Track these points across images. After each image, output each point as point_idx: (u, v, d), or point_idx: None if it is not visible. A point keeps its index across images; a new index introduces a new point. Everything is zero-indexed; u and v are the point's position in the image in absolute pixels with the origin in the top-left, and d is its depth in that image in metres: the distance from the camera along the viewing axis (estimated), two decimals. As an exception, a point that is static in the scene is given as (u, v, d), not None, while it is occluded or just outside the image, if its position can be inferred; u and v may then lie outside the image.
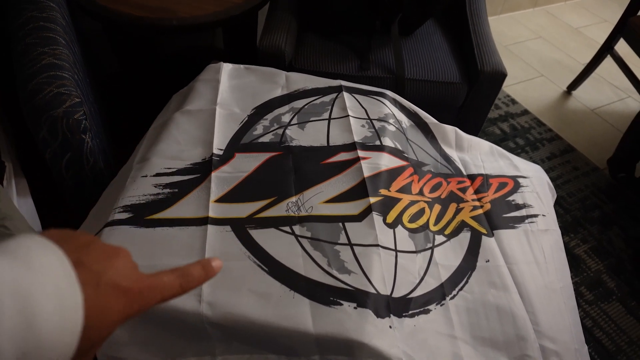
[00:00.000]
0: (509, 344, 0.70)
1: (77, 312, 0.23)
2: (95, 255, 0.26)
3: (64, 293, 0.22)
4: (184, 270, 0.30)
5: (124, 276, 0.26)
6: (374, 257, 0.71)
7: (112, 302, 0.25)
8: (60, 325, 0.22)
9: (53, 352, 0.22)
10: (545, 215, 0.91)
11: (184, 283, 0.30)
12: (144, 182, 0.77)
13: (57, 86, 0.81)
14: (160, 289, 0.28)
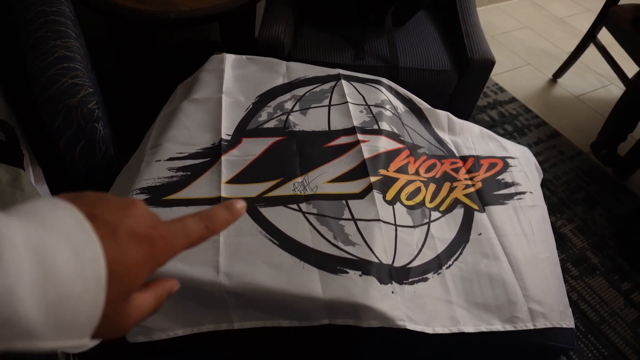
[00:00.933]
0: (500, 308, 0.77)
1: (98, 261, 0.22)
2: (108, 208, 0.25)
3: (80, 244, 0.22)
4: (208, 212, 0.28)
5: (141, 224, 0.25)
6: (376, 231, 0.77)
7: (134, 250, 0.24)
8: (81, 274, 0.21)
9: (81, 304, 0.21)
10: (532, 192, 0.97)
11: (210, 224, 0.28)
12: (158, 166, 0.82)
13: (71, 77, 0.85)
14: (184, 232, 0.27)
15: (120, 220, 0.24)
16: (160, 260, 0.25)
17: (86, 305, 0.21)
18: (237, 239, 0.72)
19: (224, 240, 0.72)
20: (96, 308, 0.22)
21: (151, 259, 0.25)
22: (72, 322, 0.21)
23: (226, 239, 0.72)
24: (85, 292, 0.21)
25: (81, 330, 0.22)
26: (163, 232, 0.26)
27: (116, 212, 0.25)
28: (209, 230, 0.28)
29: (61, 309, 0.20)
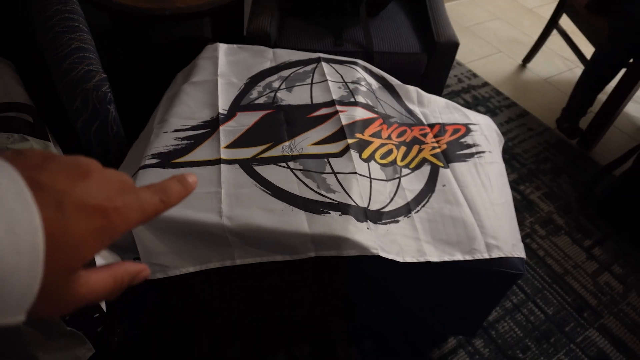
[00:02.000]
0: (461, 242, 0.91)
1: (35, 234, 0.20)
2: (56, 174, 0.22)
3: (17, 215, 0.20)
4: (161, 186, 0.27)
5: (93, 195, 0.23)
6: (353, 181, 0.91)
7: (82, 222, 0.22)
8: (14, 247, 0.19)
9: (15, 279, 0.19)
10: (491, 152, 1.11)
11: (165, 198, 0.27)
12: (166, 137, 0.95)
13: (86, 64, 0.99)
14: (139, 205, 0.25)
15: (70, 190, 0.22)
16: (113, 234, 0.24)
17: (20, 281, 0.20)
18: (235, 191, 0.86)
19: (225, 192, 0.85)
20: (32, 284, 0.20)
21: (102, 232, 0.23)
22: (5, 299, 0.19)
23: (227, 190, 0.86)
24: (19, 266, 0.19)
25: (15, 308, 0.20)
26: (117, 205, 0.24)
27: (65, 179, 0.23)
28: (163, 203, 0.27)
29: None
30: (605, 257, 1.49)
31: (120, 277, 0.26)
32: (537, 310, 1.33)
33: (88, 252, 0.23)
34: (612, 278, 1.43)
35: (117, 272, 0.26)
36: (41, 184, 0.21)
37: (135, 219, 0.25)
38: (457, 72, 2.17)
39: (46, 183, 0.22)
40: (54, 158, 0.23)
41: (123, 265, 0.27)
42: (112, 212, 0.24)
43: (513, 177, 1.71)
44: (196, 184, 0.30)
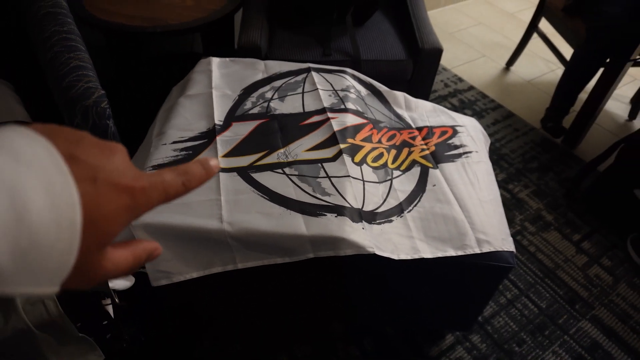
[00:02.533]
0: (452, 239, 0.95)
1: (74, 208, 0.21)
2: (89, 150, 0.23)
3: (57, 188, 0.20)
4: (185, 168, 0.28)
5: (123, 174, 0.24)
6: (347, 184, 0.95)
7: (113, 199, 0.23)
8: (55, 221, 0.20)
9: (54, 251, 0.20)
10: (478, 152, 1.16)
11: (186, 181, 0.27)
12: (164, 148, 0.99)
13: (85, 82, 1.02)
14: (163, 186, 0.26)
15: (102, 166, 0.23)
16: (137, 213, 0.25)
17: (58, 254, 0.20)
18: (235, 197, 0.90)
19: (224, 199, 0.89)
20: (69, 257, 0.21)
21: (129, 211, 0.24)
22: (42, 270, 0.20)
23: (226, 197, 0.89)
24: (59, 240, 0.20)
25: (51, 279, 0.21)
26: (144, 184, 0.25)
27: (98, 155, 0.23)
28: (184, 187, 0.27)
29: (32, 256, 0.19)
30: (594, 251, 1.53)
31: (139, 254, 0.27)
32: (530, 305, 1.37)
33: (116, 228, 0.23)
34: (602, 270, 1.48)
35: (136, 249, 0.27)
36: (77, 158, 0.22)
37: (157, 199, 0.26)
38: (443, 77, 2.23)
39: (81, 157, 0.22)
40: (85, 135, 0.24)
41: (141, 244, 0.28)
42: (138, 192, 0.24)
43: (502, 177, 1.76)
44: (218, 169, 0.30)
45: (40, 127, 0.22)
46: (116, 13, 1.40)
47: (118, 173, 0.24)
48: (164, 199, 0.26)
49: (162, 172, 0.27)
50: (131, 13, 1.40)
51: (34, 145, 0.21)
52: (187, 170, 0.28)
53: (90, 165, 0.23)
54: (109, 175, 0.23)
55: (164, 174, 0.26)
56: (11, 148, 0.20)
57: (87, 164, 0.22)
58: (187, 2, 1.46)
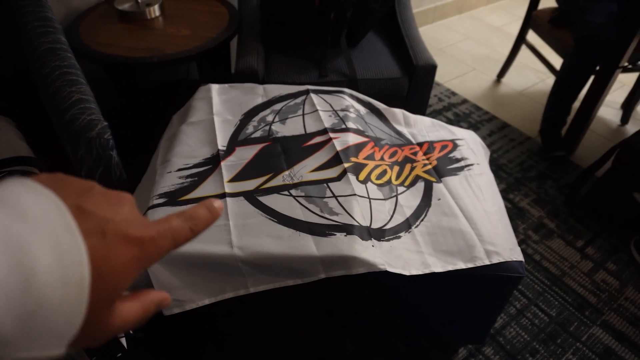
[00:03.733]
0: (461, 251, 0.95)
1: (82, 266, 0.20)
2: (97, 201, 0.23)
3: (64, 246, 0.20)
4: (190, 213, 0.28)
5: (131, 224, 0.24)
6: (354, 202, 0.95)
7: (122, 251, 0.22)
8: (63, 280, 0.19)
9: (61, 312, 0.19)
10: (479, 164, 1.17)
11: (193, 226, 0.27)
12: (170, 176, 0.99)
13: (88, 114, 1.03)
14: (171, 234, 0.26)
15: (111, 218, 0.23)
16: (146, 263, 0.24)
17: (66, 313, 0.20)
18: (243, 222, 0.90)
19: (233, 223, 0.89)
20: (77, 316, 0.20)
21: (138, 262, 0.23)
22: (49, 332, 0.19)
23: (235, 222, 0.89)
24: (66, 298, 0.19)
25: (58, 340, 0.20)
26: (152, 234, 0.24)
27: (106, 206, 0.23)
28: (192, 232, 0.27)
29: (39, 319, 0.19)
30: (599, 256, 1.54)
31: (148, 306, 0.27)
32: (540, 313, 1.37)
33: (125, 282, 0.23)
34: (608, 275, 1.48)
35: (145, 301, 0.27)
36: (85, 210, 0.22)
37: (167, 248, 0.26)
38: (436, 92, 2.26)
39: (89, 210, 0.22)
40: (93, 185, 0.24)
41: (149, 295, 0.27)
42: (147, 242, 0.24)
43: (502, 187, 1.77)
44: (222, 210, 0.30)
45: (47, 179, 0.22)
46: (114, 45, 1.42)
47: (127, 224, 0.23)
48: (173, 246, 0.26)
49: (170, 219, 0.26)
50: (129, 45, 1.42)
51: (41, 201, 0.20)
52: (193, 215, 0.28)
53: (99, 218, 0.22)
54: (117, 227, 0.23)
55: (171, 221, 0.26)
56: (17, 205, 0.19)
57: (95, 216, 0.22)
58: (183, 32, 1.48)
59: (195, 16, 1.57)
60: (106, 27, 1.50)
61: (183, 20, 1.55)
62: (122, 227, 0.23)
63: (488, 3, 3.04)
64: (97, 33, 1.47)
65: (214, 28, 1.50)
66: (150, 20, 1.54)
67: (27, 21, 1.24)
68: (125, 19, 1.53)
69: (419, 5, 2.64)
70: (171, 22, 1.54)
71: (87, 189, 0.24)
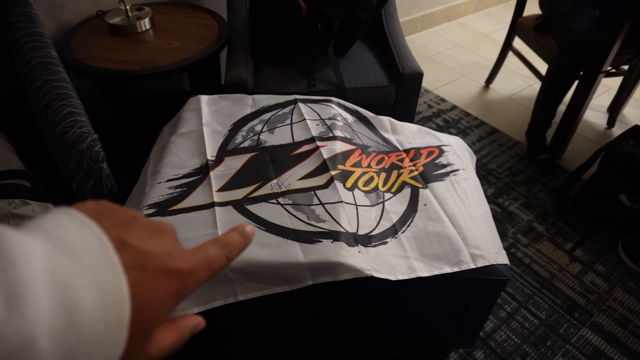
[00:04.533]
0: (447, 256, 0.97)
1: (123, 304, 0.20)
2: (139, 234, 0.23)
3: (107, 284, 0.20)
4: (226, 240, 0.28)
5: (172, 257, 0.24)
6: (340, 209, 0.97)
7: (162, 286, 0.23)
8: (104, 318, 0.20)
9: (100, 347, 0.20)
10: (465, 169, 1.19)
11: (229, 253, 0.28)
12: (160, 187, 1.01)
13: (78, 127, 1.05)
14: (209, 264, 0.26)
15: (152, 251, 0.23)
16: (185, 295, 0.24)
17: (105, 349, 0.20)
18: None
19: (221, 232, 0.90)
20: (115, 351, 0.20)
21: (177, 295, 0.24)
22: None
23: (223, 231, 0.90)
24: (106, 335, 0.20)
25: None
26: (192, 266, 0.24)
27: (147, 239, 0.23)
28: (227, 259, 0.28)
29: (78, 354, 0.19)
30: (587, 258, 1.56)
31: (183, 333, 0.27)
32: (530, 316, 1.38)
33: (164, 315, 0.23)
34: (596, 277, 1.50)
35: (180, 328, 0.26)
36: (127, 243, 0.22)
37: (204, 277, 0.26)
38: (426, 99, 2.29)
39: (131, 243, 0.22)
40: (136, 215, 0.24)
41: (184, 321, 0.27)
42: (187, 275, 0.24)
43: (491, 192, 1.79)
44: (254, 233, 0.30)
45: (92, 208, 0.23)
46: (105, 59, 1.44)
47: (167, 257, 0.24)
48: (210, 275, 0.26)
49: (206, 248, 0.27)
50: (120, 58, 1.44)
51: (85, 234, 0.21)
52: (229, 242, 0.28)
53: (140, 252, 0.23)
54: (158, 261, 0.23)
55: (208, 249, 0.27)
56: (63, 239, 0.20)
57: (137, 250, 0.22)
58: (173, 44, 1.51)
59: (185, 29, 1.59)
60: (97, 40, 1.52)
61: (173, 33, 1.57)
62: (163, 260, 0.23)
63: (476, 10, 3.09)
64: (88, 47, 1.49)
65: (204, 40, 1.52)
66: (140, 34, 1.56)
67: (19, 36, 1.26)
68: (116, 32, 1.56)
69: (408, 13, 2.68)
70: (161, 35, 1.56)
71: (129, 220, 0.24)
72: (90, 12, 1.65)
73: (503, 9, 3.17)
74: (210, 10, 1.71)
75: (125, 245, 0.22)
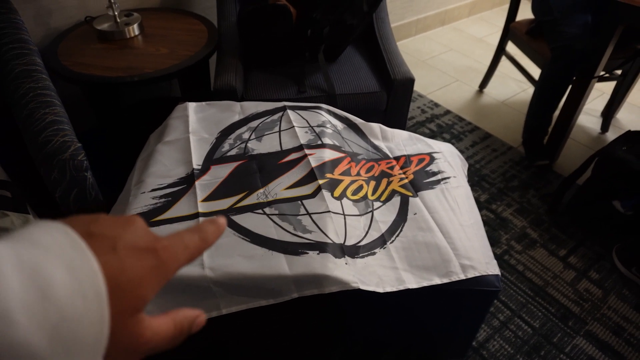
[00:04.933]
0: (437, 266, 0.95)
1: (96, 277, 0.21)
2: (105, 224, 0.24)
3: (76, 262, 0.21)
4: (199, 226, 0.29)
5: (141, 238, 0.25)
6: (328, 220, 0.95)
7: (136, 262, 0.24)
8: (80, 292, 0.20)
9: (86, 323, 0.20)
10: (456, 177, 1.18)
11: (203, 236, 0.29)
12: (144, 197, 0.99)
13: (61, 136, 1.03)
14: (183, 242, 0.27)
15: (120, 234, 0.24)
16: (166, 271, 0.25)
17: (91, 324, 0.20)
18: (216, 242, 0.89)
19: (205, 244, 0.88)
20: (101, 326, 0.21)
21: (156, 271, 0.25)
22: (79, 344, 0.20)
23: (207, 242, 0.89)
24: (88, 310, 0.20)
25: (90, 352, 0.21)
26: (165, 244, 0.26)
27: (114, 227, 0.24)
28: (203, 241, 0.29)
29: (65, 331, 0.19)
30: (581, 265, 1.54)
31: (180, 322, 0.27)
32: (524, 325, 1.36)
33: (147, 290, 0.24)
34: (591, 284, 1.49)
35: (176, 316, 0.28)
36: (93, 233, 0.23)
37: (183, 256, 0.27)
38: (419, 104, 2.28)
39: (98, 232, 0.24)
40: (101, 214, 0.25)
41: (181, 311, 0.28)
42: (161, 251, 0.25)
43: (484, 198, 1.78)
44: (226, 224, 0.32)
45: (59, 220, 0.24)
46: (93, 65, 1.42)
47: (136, 238, 0.25)
48: (188, 254, 0.27)
49: (179, 232, 0.28)
50: (108, 64, 1.42)
51: (51, 231, 0.22)
52: (201, 228, 0.29)
53: (108, 237, 0.24)
54: (127, 242, 0.24)
55: (180, 232, 0.28)
56: (30, 237, 0.21)
57: (104, 236, 0.24)
58: (161, 50, 1.49)
59: (174, 35, 1.58)
60: (85, 47, 1.50)
61: (162, 39, 1.55)
62: (132, 240, 0.24)
63: (470, 14, 3.09)
64: (76, 53, 1.47)
65: (193, 46, 1.51)
66: (129, 40, 1.55)
67: (3, 43, 1.24)
68: (104, 38, 1.54)
69: (402, 18, 2.68)
70: (150, 41, 1.55)
71: (95, 217, 0.25)
72: (79, 18, 1.64)
73: (497, 13, 3.17)
74: (200, 16, 1.70)
75: (92, 235, 0.23)
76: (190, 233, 0.28)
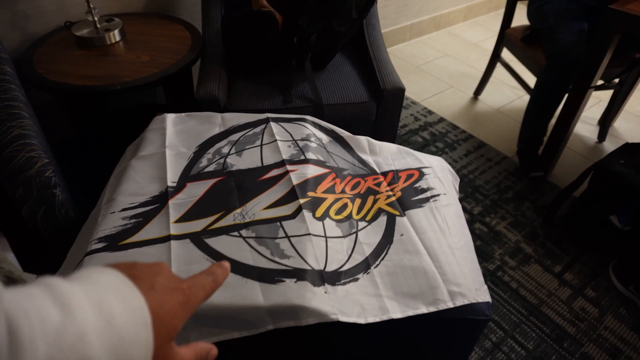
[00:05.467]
0: (423, 293, 0.89)
1: (144, 310, 0.27)
2: (143, 269, 0.31)
3: (129, 299, 0.27)
4: (210, 270, 0.37)
5: (171, 280, 0.32)
6: (307, 244, 0.89)
7: (170, 299, 0.30)
8: (133, 321, 0.26)
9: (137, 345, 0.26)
10: (446, 194, 1.12)
11: (215, 278, 0.36)
12: (113, 217, 0.93)
13: (27, 151, 0.97)
14: (201, 284, 0.34)
15: (155, 277, 0.31)
16: (191, 306, 0.33)
17: (140, 347, 0.26)
18: (187, 267, 0.83)
19: (175, 270, 0.83)
20: (148, 348, 0.27)
21: (185, 306, 0.31)
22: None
23: (177, 268, 0.83)
24: (138, 335, 0.26)
25: None
26: (188, 284, 0.33)
27: (149, 272, 0.31)
28: (215, 282, 0.36)
29: (122, 351, 0.25)
30: (577, 282, 1.49)
31: (199, 351, 0.35)
32: (517, 347, 1.31)
33: (179, 321, 0.31)
34: (587, 302, 1.43)
35: (196, 347, 0.35)
36: (136, 276, 0.30)
37: (202, 294, 0.35)
38: (412, 111, 2.23)
39: (139, 275, 0.30)
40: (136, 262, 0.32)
41: (199, 344, 0.35)
42: (186, 290, 0.33)
43: (478, 210, 1.73)
44: (229, 267, 0.40)
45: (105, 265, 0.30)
46: (69, 73, 1.36)
47: (168, 280, 0.32)
48: (204, 294, 0.35)
49: (195, 275, 0.36)
50: (85, 72, 1.36)
51: (105, 273, 0.29)
52: (212, 271, 0.37)
53: (147, 279, 0.30)
54: (162, 283, 0.31)
55: (197, 276, 0.36)
56: (90, 278, 0.28)
57: (144, 278, 0.30)
58: (142, 58, 1.43)
59: (157, 41, 1.52)
60: (63, 53, 1.44)
61: (144, 45, 1.50)
62: (165, 281, 0.32)
63: (465, 19, 3.04)
64: (52, 60, 1.41)
65: (175, 54, 1.45)
66: (109, 46, 1.49)
67: (-28, 51, 1.18)
68: (83, 45, 1.48)
69: (396, 22, 2.62)
70: (131, 47, 1.49)
71: (132, 264, 0.31)
72: (58, 23, 1.58)
73: (493, 17, 3.12)
74: (184, 22, 1.64)
75: (135, 277, 0.30)
76: (205, 275, 0.36)
